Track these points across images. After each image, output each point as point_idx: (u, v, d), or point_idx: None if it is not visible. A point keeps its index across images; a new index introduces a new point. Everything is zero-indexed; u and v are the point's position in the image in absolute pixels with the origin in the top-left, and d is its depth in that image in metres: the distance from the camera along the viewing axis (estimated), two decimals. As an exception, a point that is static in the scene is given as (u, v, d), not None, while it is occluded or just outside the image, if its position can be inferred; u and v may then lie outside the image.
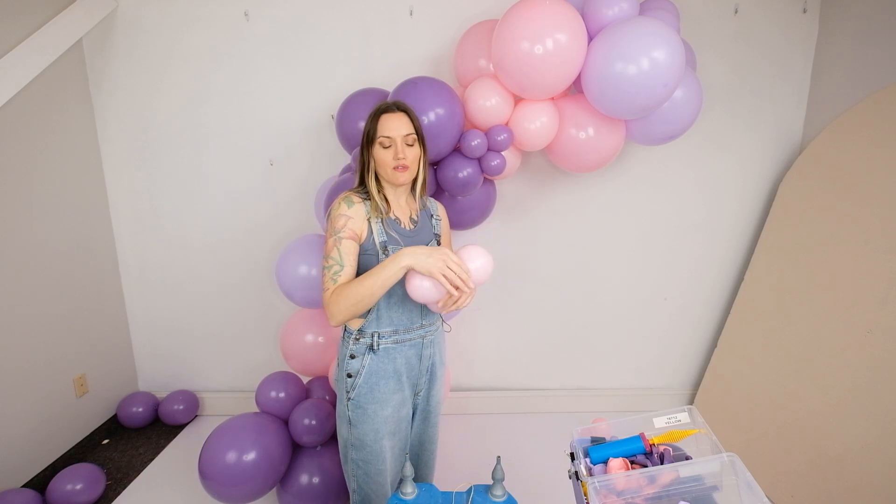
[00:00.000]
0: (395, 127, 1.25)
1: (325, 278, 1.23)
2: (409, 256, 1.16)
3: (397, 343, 1.31)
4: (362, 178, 1.32)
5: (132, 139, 2.29)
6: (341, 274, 1.21)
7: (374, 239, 1.25)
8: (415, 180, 1.34)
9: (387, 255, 1.24)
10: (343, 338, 1.34)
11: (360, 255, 1.25)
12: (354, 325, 1.30)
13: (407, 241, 1.30)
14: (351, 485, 1.39)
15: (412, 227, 1.34)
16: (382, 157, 1.26)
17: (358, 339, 1.29)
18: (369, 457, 1.32)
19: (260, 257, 2.39)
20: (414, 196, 1.38)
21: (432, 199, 1.47)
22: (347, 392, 1.30)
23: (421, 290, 1.18)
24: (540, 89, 1.66)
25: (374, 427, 1.30)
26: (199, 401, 2.54)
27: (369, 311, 1.28)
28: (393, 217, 1.30)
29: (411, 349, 1.34)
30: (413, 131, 1.27)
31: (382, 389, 1.30)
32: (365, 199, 1.28)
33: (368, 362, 1.29)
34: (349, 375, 1.30)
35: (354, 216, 1.23)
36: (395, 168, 1.25)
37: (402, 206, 1.34)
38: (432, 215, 1.43)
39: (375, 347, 1.28)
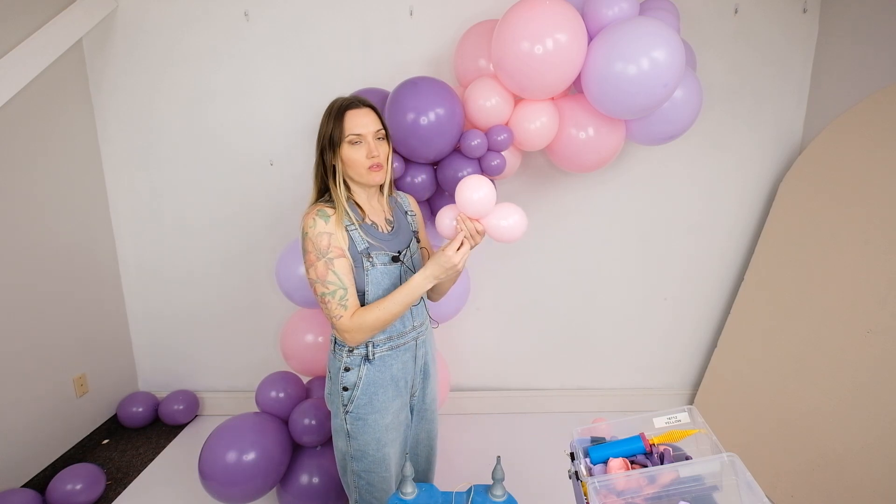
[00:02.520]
0: (363, 123, 1.17)
1: (332, 305, 1.15)
2: (431, 280, 1.17)
3: (392, 349, 1.27)
4: (324, 186, 1.24)
5: (132, 139, 2.29)
6: (347, 297, 1.16)
7: (355, 248, 1.19)
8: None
9: (371, 263, 1.20)
10: (334, 350, 1.28)
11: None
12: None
13: (387, 244, 1.25)
14: (353, 496, 1.35)
15: (389, 229, 1.29)
16: (353, 156, 1.17)
17: (352, 351, 1.24)
18: (372, 466, 1.29)
19: (260, 257, 2.39)
20: (382, 194, 1.32)
21: (401, 193, 1.41)
22: (345, 405, 1.26)
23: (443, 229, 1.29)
24: (540, 89, 1.66)
25: (376, 437, 1.27)
26: (199, 401, 2.54)
27: None
28: (369, 222, 1.24)
29: (406, 353, 1.31)
30: (382, 126, 1.21)
31: (381, 398, 1.26)
32: (335, 207, 1.20)
33: (365, 373, 1.24)
34: (345, 388, 1.25)
35: (334, 231, 1.16)
36: (371, 168, 1.18)
37: (376, 209, 1.28)
38: (406, 212, 1.38)
39: (371, 357, 1.24)
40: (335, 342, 1.28)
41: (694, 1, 2.11)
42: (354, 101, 1.19)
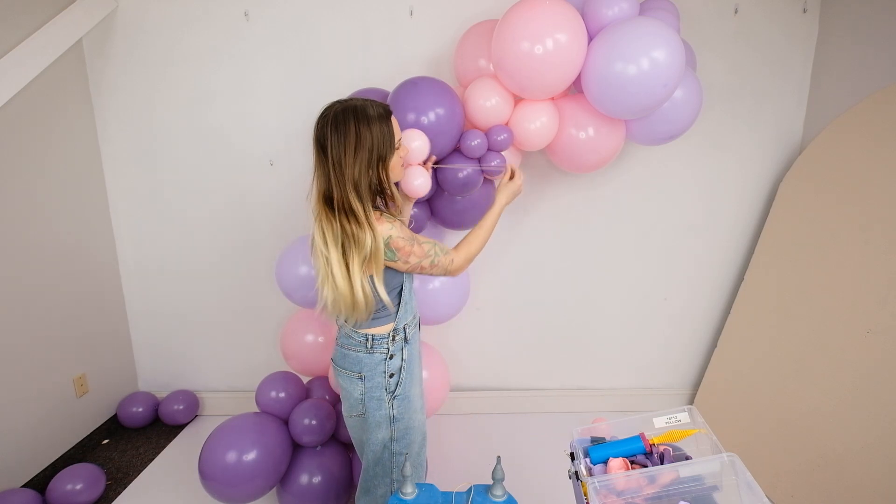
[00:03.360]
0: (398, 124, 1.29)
1: (442, 260, 1.28)
2: (506, 205, 1.42)
3: (417, 326, 1.41)
4: (375, 199, 1.28)
5: (132, 139, 2.29)
6: (439, 247, 1.29)
7: None
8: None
9: None
10: (370, 348, 1.30)
11: (386, 267, 1.24)
12: (384, 330, 1.30)
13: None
14: (392, 476, 1.39)
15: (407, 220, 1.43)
16: (397, 161, 1.26)
17: (394, 339, 1.32)
18: (413, 436, 1.39)
19: (260, 258, 2.39)
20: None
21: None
22: (392, 392, 1.32)
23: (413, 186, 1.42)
24: (540, 89, 1.66)
25: (416, 406, 1.38)
26: (199, 401, 2.54)
27: (397, 309, 1.32)
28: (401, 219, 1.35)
29: (418, 326, 1.43)
30: None
31: (416, 371, 1.39)
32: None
33: (406, 354, 1.35)
34: (391, 375, 1.32)
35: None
36: (403, 166, 1.31)
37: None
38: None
39: (408, 338, 1.35)
40: (372, 339, 1.29)
41: (694, 1, 2.11)
42: (387, 104, 1.26)
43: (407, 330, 1.34)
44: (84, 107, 2.22)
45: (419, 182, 1.43)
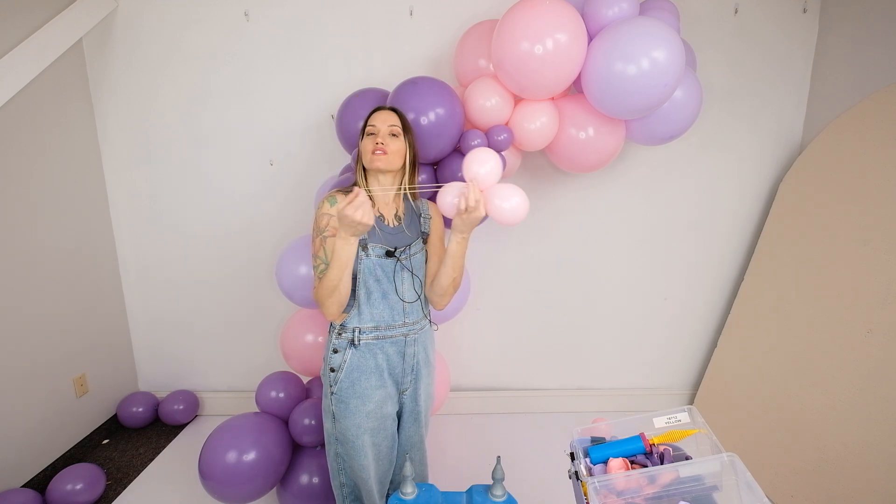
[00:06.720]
0: (381, 119, 1.33)
1: (315, 277, 1.27)
2: (341, 230, 1.17)
3: (378, 339, 1.33)
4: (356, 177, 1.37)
5: (132, 139, 2.29)
6: (325, 271, 1.25)
7: None
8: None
9: (366, 253, 1.29)
10: (329, 332, 1.38)
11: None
12: (338, 320, 1.34)
13: (389, 238, 1.32)
14: (339, 479, 1.42)
15: (396, 223, 1.36)
16: (366, 145, 1.31)
17: (340, 334, 1.33)
18: (352, 451, 1.35)
19: (260, 257, 2.39)
20: (399, 194, 1.39)
21: (425, 201, 1.48)
22: (331, 386, 1.34)
23: (445, 206, 1.31)
24: (540, 89, 1.66)
25: (356, 422, 1.33)
26: (199, 401, 2.54)
27: (350, 306, 1.31)
28: (377, 214, 1.33)
29: (393, 346, 1.36)
30: (397, 123, 1.33)
31: (364, 385, 1.33)
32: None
33: (350, 357, 1.32)
34: (332, 370, 1.33)
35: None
36: (373, 152, 1.29)
37: (388, 204, 1.37)
38: (421, 214, 1.43)
39: (357, 342, 1.32)
40: (331, 324, 1.37)
41: (694, 1, 2.11)
42: (384, 105, 1.39)
43: (357, 333, 1.31)
44: (84, 107, 2.22)
45: (448, 200, 1.29)
